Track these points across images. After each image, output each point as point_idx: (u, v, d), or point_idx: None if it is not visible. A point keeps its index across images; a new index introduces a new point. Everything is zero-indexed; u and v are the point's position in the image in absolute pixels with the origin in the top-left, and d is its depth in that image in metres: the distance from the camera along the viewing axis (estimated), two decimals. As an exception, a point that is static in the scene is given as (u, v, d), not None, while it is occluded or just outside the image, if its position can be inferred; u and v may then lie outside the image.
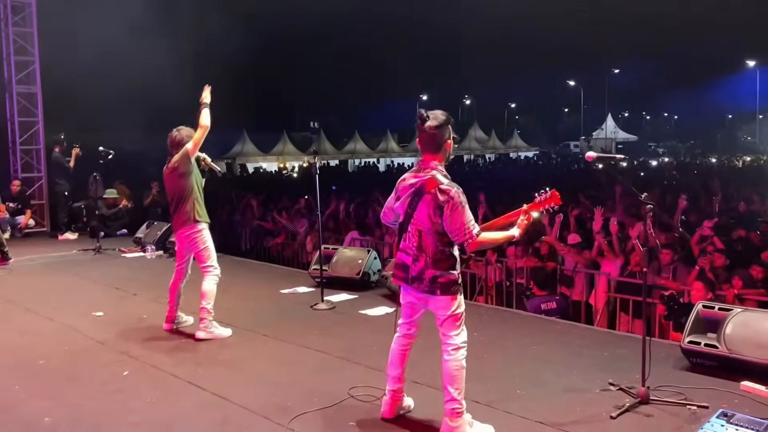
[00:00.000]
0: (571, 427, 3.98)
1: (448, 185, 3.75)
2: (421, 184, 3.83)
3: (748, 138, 63.42)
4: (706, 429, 3.78)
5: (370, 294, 7.51)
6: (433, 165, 3.87)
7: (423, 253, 3.84)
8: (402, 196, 3.94)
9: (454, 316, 3.85)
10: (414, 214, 3.86)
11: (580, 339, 5.90)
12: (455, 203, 3.70)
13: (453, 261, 3.84)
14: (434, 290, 3.81)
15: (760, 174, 22.92)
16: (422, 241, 3.84)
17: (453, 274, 3.82)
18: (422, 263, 3.84)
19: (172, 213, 6.10)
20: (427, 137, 3.88)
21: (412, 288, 3.93)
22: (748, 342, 4.67)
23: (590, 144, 57.38)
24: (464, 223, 3.70)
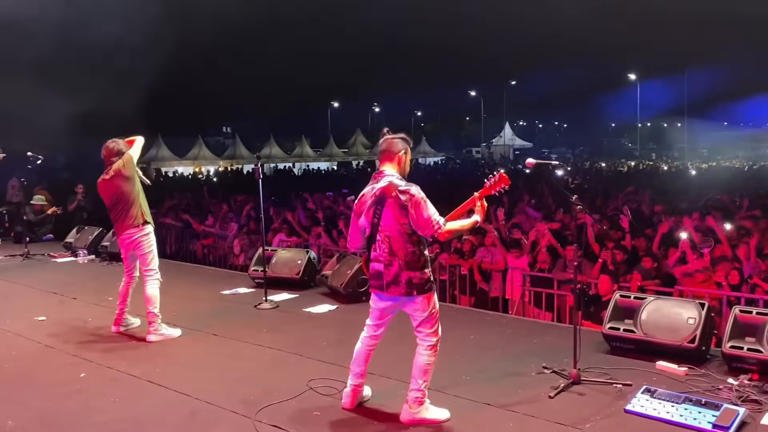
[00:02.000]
0: (516, 407, 4.40)
1: (406, 186, 4.06)
2: (380, 192, 4.10)
3: (629, 145, 67.90)
4: (634, 403, 4.32)
5: (311, 293, 7.75)
6: (389, 173, 4.17)
7: (395, 257, 4.07)
8: (363, 211, 4.20)
9: (431, 314, 4.14)
10: (380, 222, 4.10)
11: (510, 328, 6.42)
12: (417, 200, 4.00)
13: (425, 260, 4.11)
14: (411, 292, 4.06)
15: (649, 177, 24.76)
16: (392, 245, 4.07)
17: (426, 273, 4.10)
18: (396, 267, 4.07)
19: (114, 218, 6.12)
20: (389, 148, 4.21)
21: (389, 293, 4.13)
22: (660, 326, 5.29)
23: (491, 150, 59.82)
24: (430, 216, 3.99)
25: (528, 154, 59.00)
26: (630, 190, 14.91)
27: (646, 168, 35.00)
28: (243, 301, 7.43)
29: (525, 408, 4.39)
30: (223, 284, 8.28)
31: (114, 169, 5.98)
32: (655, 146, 67.47)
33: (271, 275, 7.67)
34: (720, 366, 5.06)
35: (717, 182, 18.78)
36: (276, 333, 6.18)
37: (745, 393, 4.47)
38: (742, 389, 4.54)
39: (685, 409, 4.15)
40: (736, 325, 5.08)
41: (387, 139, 4.24)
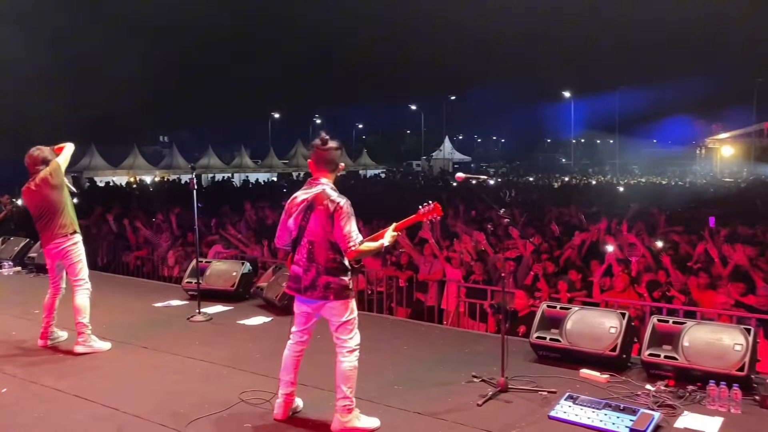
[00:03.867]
0: (445, 415, 4.51)
1: (338, 197, 4.17)
2: (313, 198, 4.20)
3: (563, 160, 70.06)
4: (557, 410, 4.49)
5: (246, 305, 7.70)
6: (324, 182, 4.26)
7: (314, 262, 4.19)
8: (294, 213, 4.28)
9: (348, 321, 4.24)
10: (307, 227, 4.20)
11: (442, 339, 6.56)
12: (343, 213, 4.11)
13: (344, 268, 4.23)
14: (328, 296, 4.17)
15: (581, 192, 25.60)
16: (314, 251, 4.18)
17: (345, 280, 4.22)
18: (314, 272, 4.19)
19: (41, 228, 5.95)
20: (324, 157, 4.28)
21: (306, 297, 4.25)
22: (584, 335, 5.51)
23: (431, 164, 60.62)
24: (350, 231, 4.11)
25: (466, 167, 60.18)
26: (558, 211, 15.32)
27: (578, 183, 36.07)
28: (175, 314, 7.33)
29: (454, 416, 4.50)
30: (155, 296, 8.14)
31: (40, 177, 5.83)
32: (589, 162, 69.72)
33: (204, 287, 7.59)
34: (640, 373, 5.31)
35: (643, 197, 19.58)
36: (208, 345, 6.13)
37: (661, 398, 4.71)
38: (659, 395, 4.78)
39: (605, 415, 4.35)
40: (654, 333, 5.33)
41: (329, 149, 4.29)
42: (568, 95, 62.38)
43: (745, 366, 4.78)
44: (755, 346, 4.98)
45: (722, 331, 5.11)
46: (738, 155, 51.42)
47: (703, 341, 5.03)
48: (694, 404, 4.64)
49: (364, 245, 4.19)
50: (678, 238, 9.92)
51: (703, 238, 9.07)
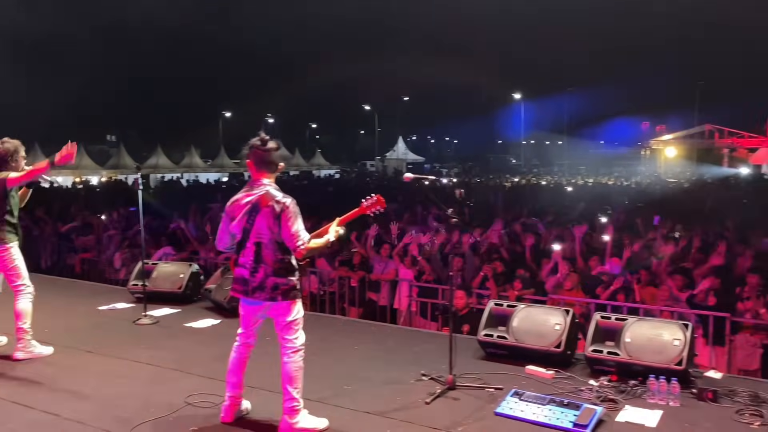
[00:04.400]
0: (393, 414, 4.54)
1: (283, 197, 4.15)
2: (257, 200, 4.17)
3: (514, 161, 71.25)
4: (503, 406, 4.57)
5: (193, 307, 7.58)
6: (266, 182, 4.24)
7: (262, 264, 4.16)
8: (237, 216, 4.23)
9: (293, 320, 4.22)
10: (252, 229, 4.17)
11: (393, 338, 6.59)
12: (290, 213, 4.10)
13: (292, 269, 4.21)
14: (276, 297, 4.15)
15: (531, 193, 26.04)
16: (261, 252, 4.16)
17: (293, 281, 4.20)
18: (262, 273, 4.16)
19: None
20: (263, 158, 4.25)
21: (253, 298, 4.22)
22: (530, 333, 5.62)
23: (384, 164, 60.83)
24: (297, 231, 4.09)
25: (420, 168, 60.57)
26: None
27: (528, 183, 36.67)
28: (121, 317, 7.16)
29: (402, 414, 4.53)
30: (100, 299, 7.93)
31: None
32: (539, 163, 71.02)
33: (151, 289, 7.44)
34: (584, 369, 5.44)
35: (591, 197, 20.04)
36: (155, 349, 6.02)
37: (604, 393, 4.84)
38: (602, 390, 4.91)
39: (550, 410, 4.44)
40: (597, 330, 5.47)
41: (268, 150, 4.25)
42: (519, 97, 63.46)
43: (683, 360, 4.95)
44: (693, 341, 5.16)
45: (662, 327, 5.28)
46: (681, 156, 53.14)
47: (644, 337, 5.19)
48: (635, 398, 4.78)
49: (312, 243, 4.19)
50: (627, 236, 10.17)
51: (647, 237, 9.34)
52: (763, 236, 9.87)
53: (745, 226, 11.35)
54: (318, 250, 4.37)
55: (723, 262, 7.72)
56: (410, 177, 5.16)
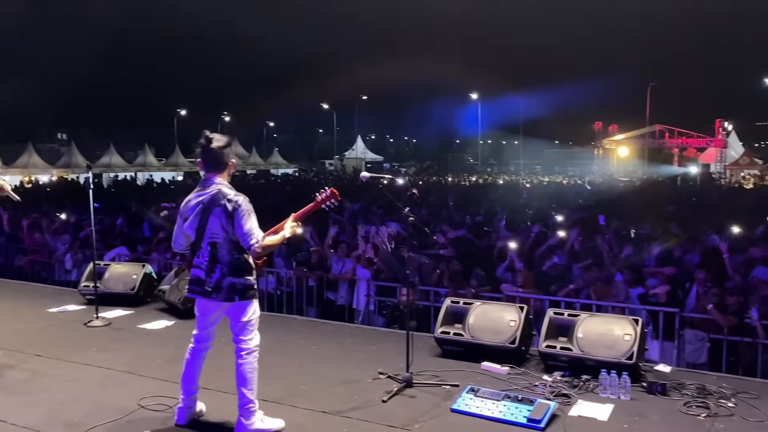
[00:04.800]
0: (350, 413, 4.54)
1: (234, 195, 4.09)
2: (209, 200, 4.10)
3: (470, 160, 71.97)
4: (459, 403, 4.61)
5: (147, 309, 7.46)
6: (218, 181, 4.17)
7: (218, 264, 4.10)
8: (190, 216, 4.17)
9: (249, 321, 4.18)
10: (206, 229, 4.11)
11: (351, 337, 6.58)
12: (243, 211, 4.04)
13: (249, 268, 4.17)
14: (233, 297, 4.10)
15: (489, 191, 26.32)
16: (217, 253, 4.10)
17: (250, 281, 4.16)
18: (218, 274, 4.10)
19: None
20: (213, 156, 4.18)
21: (210, 299, 4.16)
22: (486, 329, 5.68)
23: (343, 163, 60.71)
24: (251, 229, 4.03)
25: (379, 167, 60.64)
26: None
27: (485, 182, 37.07)
28: (71, 319, 6.99)
29: (359, 413, 4.54)
30: (50, 301, 7.73)
31: None
32: (495, 162, 71.86)
33: (103, 291, 7.28)
34: (538, 364, 5.53)
35: (546, 196, 20.39)
36: (107, 351, 5.89)
37: (557, 388, 4.92)
38: (555, 385, 4.99)
39: (504, 406, 4.49)
40: (551, 326, 5.56)
41: (214, 148, 4.18)
42: (476, 97, 64.11)
43: (633, 354, 5.07)
44: (643, 336, 5.30)
45: (613, 322, 5.40)
46: (633, 155, 54.36)
47: (596, 332, 5.30)
48: (587, 393, 4.89)
49: (267, 240, 4.12)
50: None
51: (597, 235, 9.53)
52: (709, 233, 10.17)
53: (694, 222, 11.70)
54: (273, 247, 4.31)
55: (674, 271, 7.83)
56: (366, 176, 5.17)
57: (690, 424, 4.38)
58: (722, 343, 6.55)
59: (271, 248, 4.27)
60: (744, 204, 17.51)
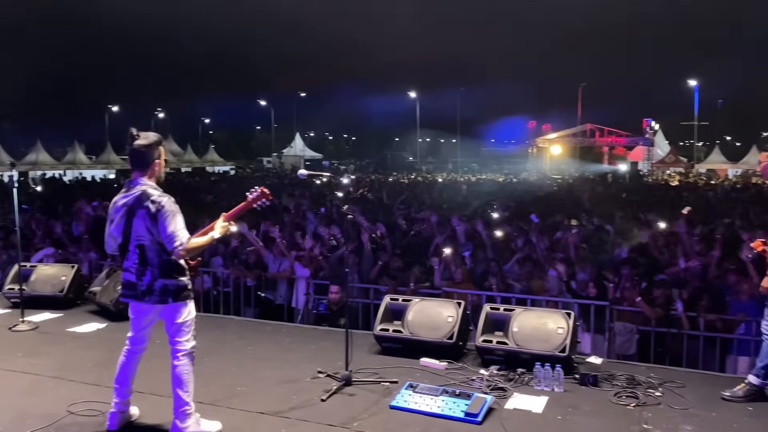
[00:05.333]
0: (288, 413, 4.51)
1: (159, 196, 3.97)
2: (133, 201, 3.99)
3: (410, 158, 72.55)
4: (398, 399, 4.64)
5: (77, 311, 7.21)
6: (143, 182, 4.05)
7: (148, 266, 3.99)
8: (116, 218, 4.05)
9: (184, 322, 4.09)
10: (131, 232, 3.99)
11: (289, 337, 6.53)
12: (167, 212, 3.92)
13: (181, 269, 4.07)
14: (166, 299, 4.00)
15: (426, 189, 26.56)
16: (145, 255, 3.99)
17: (183, 281, 4.07)
18: (149, 277, 3.99)
19: None
20: (137, 156, 4.07)
21: (143, 303, 4.05)
22: (424, 326, 5.74)
23: (282, 160, 60.16)
24: (175, 231, 3.92)
25: (318, 165, 60.39)
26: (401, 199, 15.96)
27: (424, 180, 37.38)
28: (-5, 324, 6.69)
29: (298, 413, 4.51)
30: (-30, 306, 7.38)
31: None
32: (434, 160, 72.57)
33: (29, 293, 6.99)
34: (475, 359, 5.62)
35: (484, 193, 20.74)
36: (34, 356, 5.66)
37: (494, 382, 5.02)
38: (492, 378, 5.09)
39: (442, 401, 4.55)
40: (487, 321, 5.66)
41: (137, 146, 4.06)
42: (414, 95, 64.62)
43: (566, 347, 5.21)
44: (576, 329, 5.46)
45: (547, 316, 5.54)
46: (565, 154, 55.91)
47: (530, 326, 5.42)
48: (522, 386, 5.00)
49: (193, 242, 4.00)
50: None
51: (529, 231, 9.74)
52: (638, 228, 10.55)
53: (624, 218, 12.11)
54: (200, 249, 4.16)
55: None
56: (304, 173, 5.14)
57: (620, 413, 4.53)
58: (650, 335, 6.80)
59: (198, 250, 4.11)
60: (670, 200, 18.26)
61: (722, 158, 51.43)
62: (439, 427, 4.30)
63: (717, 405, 4.69)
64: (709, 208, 15.87)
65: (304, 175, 5.14)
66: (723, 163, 50.03)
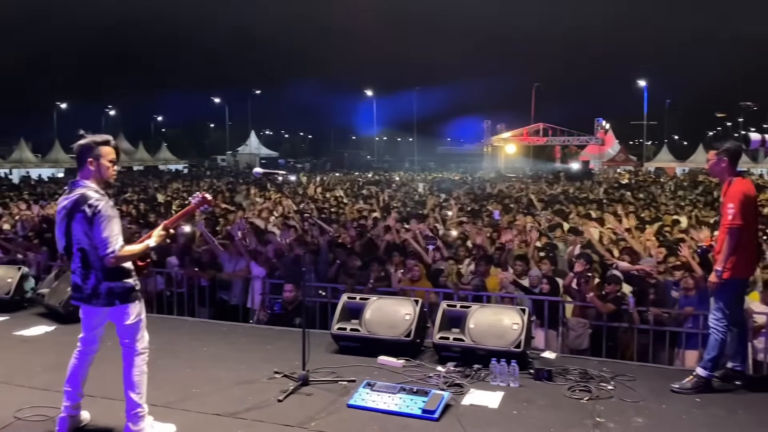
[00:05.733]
0: (244, 414, 4.46)
1: (96, 200, 3.85)
2: (71, 204, 3.89)
3: (368, 157, 72.69)
4: (356, 398, 4.63)
5: (24, 314, 7.00)
6: (83, 184, 3.93)
7: (92, 269, 3.89)
8: (58, 221, 3.96)
9: (134, 323, 4.00)
10: (72, 235, 3.89)
11: (246, 337, 6.45)
12: (102, 217, 3.81)
13: (126, 271, 3.97)
14: (113, 301, 3.92)
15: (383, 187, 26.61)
16: (88, 258, 3.89)
17: (129, 283, 3.97)
18: (93, 280, 3.90)
19: None
20: (77, 156, 3.98)
21: (91, 306, 3.97)
22: (382, 324, 5.74)
23: (236, 159, 59.47)
24: (109, 236, 3.80)
25: (274, 163, 59.93)
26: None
27: (381, 178, 37.43)
28: (-65, 329, 6.43)
29: (254, 414, 4.46)
30: None
31: None
32: (391, 158, 72.78)
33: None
34: (432, 356, 5.65)
35: (440, 191, 20.89)
36: (-23, 362, 5.46)
37: (451, 378, 5.05)
38: (449, 375, 5.13)
39: (400, 398, 4.56)
40: (444, 318, 5.70)
41: (76, 148, 3.99)
42: (371, 94, 64.68)
43: (521, 343, 5.28)
44: (530, 325, 5.53)
45: (502, 312, 5.61)
46: (519, 153, 56.73)
47: (486, 323, 5.48)
48: (479, 381, 5.05)
49: (126, 249, 3.88)
50: (470, 227, 10.68)
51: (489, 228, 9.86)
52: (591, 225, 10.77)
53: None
54: (133, 257, 4.01)
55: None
56: (260, 171, 5.09)
57: (574, 407, 4.62)
58: (602, 330, 6.94)
59: (130, 258, 3.98)
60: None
61: (670, 157, 52.95)
62: (396, 424, 4.30)
63: (667, 397, 4.82)
64: (658, 205, 16.31)
65: (259, 174, 5.09)
66: (671, 161, 51.50)
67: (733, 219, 4.78)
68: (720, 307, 4.90)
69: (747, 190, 4.89)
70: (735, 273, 4.84)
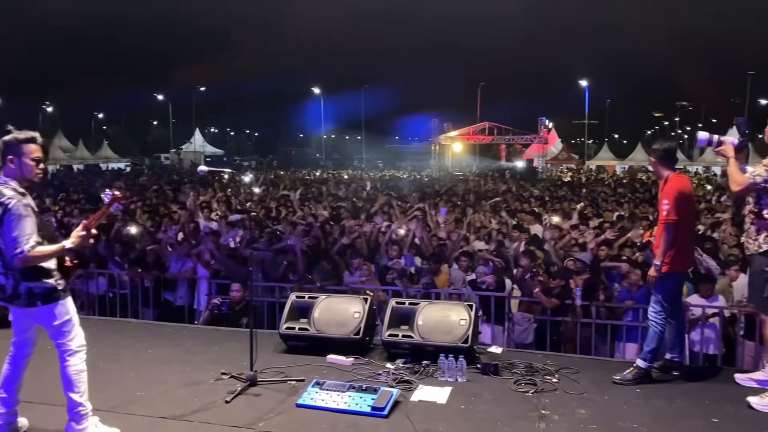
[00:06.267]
0: (191, 416, 4.39)
1: (8, 198, 3.71)
2: None
3: (317, 155, 72.39)
4: (305, 397, 4.61)
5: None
6: (4, 181, 3.80)
7: (9, 270, 3.78)
8: None
9: (63, 323, 3.88)
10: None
11: (192, 338, 6.33)
12: (13, 215, 3.67)
13: (44, 271, 3.83)
14: (35, 303, 3.80)
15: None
16: (4, 258, 3.76)
17: (49, 283, 3.83)
18: (12, 280, 3.79)
19: None
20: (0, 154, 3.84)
21: (15, 307, 3.86)
22: (331, 322, 5.72)
23: (180, 157, 58.33)
24: (20, 235, 3.66)
25: (219, 161, 59.08)
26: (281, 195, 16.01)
27: (329, 177, 37.32)
28: None
29: (201, 416, 4.39)
30: None
31: None
32: (339, 156, 72.63)
33: None
34: (382, 353, 5.67)
35: (389, 189, 20.93)
36: None
37: (400, 375, 5.08)
38: (398, 372, 5.15)
39: (349, 396, 4.55)
40: (393, 315, 5.72)
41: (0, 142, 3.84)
42: (318, 92, 64.40)
43: (468, 338, 5.35)
44: (477, 320, 5.61)
45: (450, 308, 5.67)
46: (466, 151, 57.38)
47: (434, 319, 5.53)
48: (428, 377, 5.09)
49: (38, 250, 3.72)
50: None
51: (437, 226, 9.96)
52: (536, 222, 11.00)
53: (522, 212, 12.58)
54: (46, 258, 3.84)
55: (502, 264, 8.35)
56: (205, 170, 5.01)
57: (520, 400, 4.71)
58: (546, 324, 7.10)
59: (43, 260, 3.82)
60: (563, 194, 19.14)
61: (610, 155, 54.51)
62: (346, 422, 4.30)
63: (609, 388, 4.96)
64: (599, 202, 16.77)
65: (204, 172, 5.01)
66: (611, 159, 53.02)
67: (668, 215, 4.95)
68: (659, 300, 5.07)
69: (682, 186, 5.07)
70: (673, 267, 5.01)
